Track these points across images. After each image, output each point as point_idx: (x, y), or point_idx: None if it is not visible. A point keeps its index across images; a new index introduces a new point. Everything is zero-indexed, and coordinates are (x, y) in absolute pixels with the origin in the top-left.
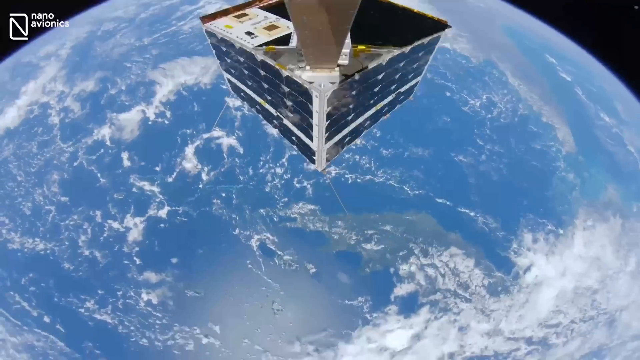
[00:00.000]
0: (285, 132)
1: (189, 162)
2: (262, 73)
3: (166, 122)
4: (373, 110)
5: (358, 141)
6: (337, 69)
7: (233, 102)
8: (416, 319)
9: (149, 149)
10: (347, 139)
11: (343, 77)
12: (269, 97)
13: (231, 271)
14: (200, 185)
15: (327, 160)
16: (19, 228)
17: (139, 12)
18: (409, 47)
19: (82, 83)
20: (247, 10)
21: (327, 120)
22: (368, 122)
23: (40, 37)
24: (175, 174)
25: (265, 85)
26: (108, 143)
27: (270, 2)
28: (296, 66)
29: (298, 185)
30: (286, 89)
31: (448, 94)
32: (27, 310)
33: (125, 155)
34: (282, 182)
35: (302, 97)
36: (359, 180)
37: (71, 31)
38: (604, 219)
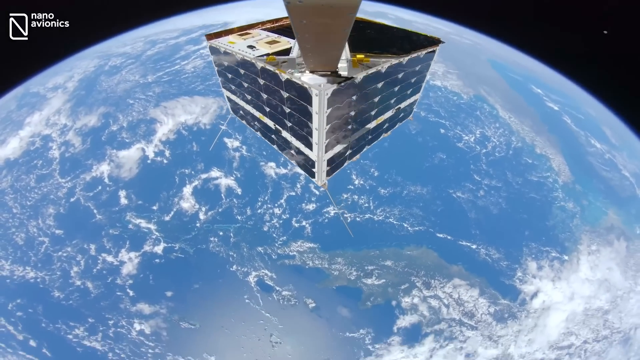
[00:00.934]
0: (284, 146)
1: (187, 201)
2: (262, 82)
3: (165, 161)
4: (374, 123)
5: (357, 157)
6: (337, 72)
7: (231, 142)
8: (420, 348)
9: (146, 188)
10: (348, 152)
11: (343, 79)
12: (267, 109)
13: (228, 305)
14: (198, 224)
15: (328, 174)
16: (10, 256)
17: (146, 49)
18: (406, 58)
19: (85, 117)
20: (250, 30)
21: (327, 125)
22: (369, 137)
23: (52, 67)
24: (172, 212)
25: (265, 96)
26: (106, 180)
27: (272, 25)
28: (296, 70)
29: (297, 225)
30: (285, 94)
31: (442, 131)
32: (12, 334)
33: (122, 193)
34: (281, 221)
35: (301, 100)
36: (357, 219)
37: (81, 64)
38: (608, 243)
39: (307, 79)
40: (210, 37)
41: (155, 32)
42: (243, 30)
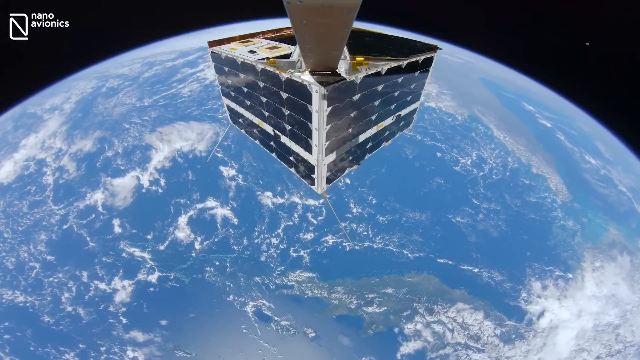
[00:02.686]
0: (282, 153)
1: (182, 231)
2: (262, 85)
3: (160, 190)
4: (375, 129)
5: (358, 165)
6: (336, 73)
7: (227, 171)
8: None
9: (141, 217)
10: (348, 158)
11: (343, 79)
12: (266, 114)
13: (225, 335)
14: (193, 254)
15: (328, 181)
16: None
17: (143, 70)
18: (405, 61)
19: (80, 141)
20: (251, 39)
21: (327, 125)
22: (370, 145)
23: (50, 87)
24: (167, 242)
25: (264, 99)
26: (100, 209)
27: (274, 35)
28: (296, 70)
29: (295, 255)
30: (285, 95)
31: (439, 154)
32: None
33: (116, 222)
34: (278, 251)
35: (301, 99)
36: (357, 248)
37: (79, 84)
38: (612, 258)
39: (307, 77)
40: (212, 44)
41: (152, 53)
42: (245, 38)
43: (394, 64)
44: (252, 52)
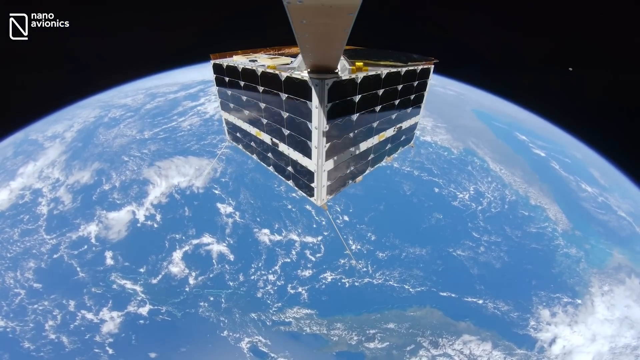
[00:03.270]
0: (280, 164)
1: (176, 266)
2: (261, 89)
3: (155, 225)
4: (377, 138)
5: (360, 179)
6: (336, 73)
7: (224, 208)
8: None
9: (134, 250)
10: (350, 168)
11: (343, 76)
12: (265, 121)
13: None
14: (187, 289)
15: (328, 192)
16: None
17: (146, 102)
18: (404, 69)
19: (78, 173)
20: (253, 53)
21: (327, 125)
22: (372, 156)
23: (54, 113)
24: (160, 276)
25: (263, 105)
26: (93, 241)
27: (275, 52)
28: (296, 70)
29: (292, 291)
30: (284, 96)
31: (437, 190)
32: None
33: (109, 254)
34: (275, 288)
35: (301, 97)
36: (356, 284)
37: (82, 113)
38: (620, 282)
39: (306, 74)
40: (215, 56)
41: (156, 84)
42: (246, 53)
43: (392, 70)
44: (253, 60)
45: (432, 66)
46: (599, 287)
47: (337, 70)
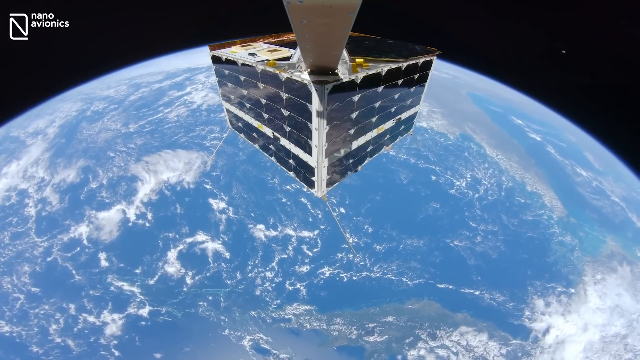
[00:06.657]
0: (281, 156)
1: (172, 266)
2: (262, 86)
3: (147, 224)
4: (375, 131)
5: (359, 169)
6: (336, 72)
7: (217, 203)
8: None
9: (128, 251)
10: (349, 161)
11: (343, 78)
12: (266, 116)
13: None
14: (185, 288)
15: (328, 184)
16: None
17: (129, 93)
18: (405, 63)
19: (63, 171)
20: (252, 43)
21: (327, 125)
22: (370, 148)
23: (34, 108)
24: (157, 276)
25: (264, 101)
26: (85, 242)
27: (274, 40)
28: (296, 70)
29: (291, 288)
30: (285, 95)
31: (433, 177)
32: None
33: (102, 255)
34: (273, 285)
35: (301, 98)
36: (354, 278)
37: (63, 106)
38: (612, 270)
39: (306, 77)
40: (213, 47)
41: (140, 73)
42: (245, 42)
43: (393, 66)
44: (252, 54)
45: (435, 57)
46: (592, 276)
47: (337, 70)
